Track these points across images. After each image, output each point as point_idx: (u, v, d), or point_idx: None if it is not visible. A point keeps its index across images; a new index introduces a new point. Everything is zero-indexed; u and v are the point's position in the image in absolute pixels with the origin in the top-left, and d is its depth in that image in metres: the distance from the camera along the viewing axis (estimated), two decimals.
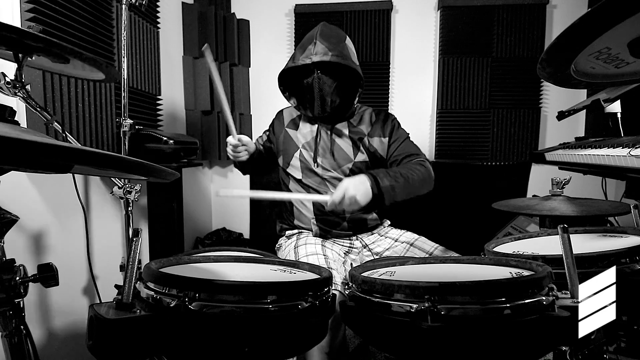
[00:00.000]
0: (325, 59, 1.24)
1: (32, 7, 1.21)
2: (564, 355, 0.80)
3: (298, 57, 1.29)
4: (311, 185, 1.39)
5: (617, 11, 0.55)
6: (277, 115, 1.53)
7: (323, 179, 1.38)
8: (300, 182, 1.40)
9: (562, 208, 1.20)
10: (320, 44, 1.26)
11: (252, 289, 0.66)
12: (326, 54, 1.24)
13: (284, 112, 1.51)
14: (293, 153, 1.41)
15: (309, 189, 1.39)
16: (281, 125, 1.47)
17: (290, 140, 1.43)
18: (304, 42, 1.31)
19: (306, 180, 1.39)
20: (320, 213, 1.37)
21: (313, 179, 1.39)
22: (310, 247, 1.27)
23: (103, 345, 0.62)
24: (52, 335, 1.32)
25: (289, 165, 1.42)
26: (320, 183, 1.38)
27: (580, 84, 0.86)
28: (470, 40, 2.46)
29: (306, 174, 1.39)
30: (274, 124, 1.51)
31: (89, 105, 1.45)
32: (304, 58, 1.26)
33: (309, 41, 1.29)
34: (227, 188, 1.26)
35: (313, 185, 1.38)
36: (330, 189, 1.36)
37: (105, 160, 0.53)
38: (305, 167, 1.39)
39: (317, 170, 1.38)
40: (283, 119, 1.48)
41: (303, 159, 1.40)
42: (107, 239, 1.61)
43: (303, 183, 1.40)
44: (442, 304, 0.64)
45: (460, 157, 2.52)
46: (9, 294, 0.71)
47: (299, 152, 1.40)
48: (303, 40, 1.33)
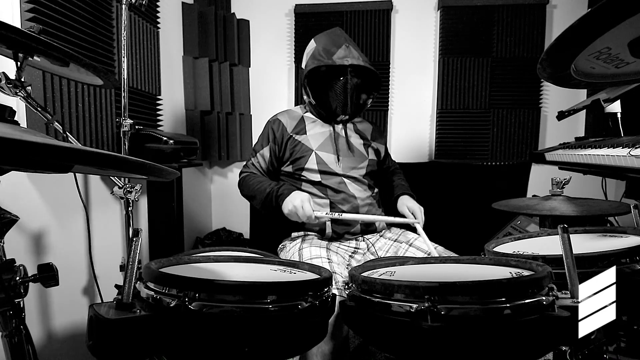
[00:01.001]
0: (360, 64, 1.37)
1: (32, 7, 1.20)
2: (564, 355, 0.80)
3: (327, 59, 1.35)
4: (331, 186, 1.39)
5: (617, 11, 0.55)
6: (273, 124, 1.45)
7: (344, 176, 1.40)
8: (319, 184, 1.39)
9: (562, 208, 1.20)
10: (352, 49, 1.38)
11: (252, 289, 0.66)
12: (358, 58, 1.37)
13: (280, 120, 1.45)
14: (307, 157, 1.40)
15: (326, 189, 1.39)
16: (283, 132, 1.43)
17: (301, 146, 1.41)
18: (327, 45, 1.38)
19: (326, 181, 1.39)
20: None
21: (332, 180, 1.39)
22: (314, 250, 1.26)
23: (103, 345, 0.62)
24: (52, 335, 1.32)
25: (303, 170, 1.40)
26: (340, 183, 1.40)
27: (580, 84, 0.86)
28: (470, 40, 2.46)
29: (325, 175, 1.39)
30: (274, 133, 1.44)
31: (89, 105, 1.45)
32: (340, 59, 1.35)
33: (335, 44, 1.38)
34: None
35: (333, 185, 1.39)
36: (349, 188, 1.39)
37: (105, 160, 0.53)
38: (324, 169, 1.39)
39: (337, 170, 1.40)
40: (283, 126, 1.44)
41: (321, 160, 1.39)
42: (107, 239, 1.61)
43: (322, 184, 1.39)
44: (442, 304, 0.64)
45: (460, 157, 2.52)
46: (9, 294, 0.71)
47: (314, 155, 1.40)
48: (324, 43, 1.40)
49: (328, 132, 1.45)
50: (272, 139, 1.44)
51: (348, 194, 1.39)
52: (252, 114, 2.66)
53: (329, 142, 1.43)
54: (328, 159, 1.40)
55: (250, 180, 1.40)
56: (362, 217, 1.35)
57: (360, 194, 1.40)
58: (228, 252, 1.07)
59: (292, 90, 2.64)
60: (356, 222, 1.39)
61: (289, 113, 1.50)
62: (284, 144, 1.43)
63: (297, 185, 1.42)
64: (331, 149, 1.42)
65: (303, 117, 1.48)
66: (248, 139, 2.64)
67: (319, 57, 1.37)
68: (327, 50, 1.37)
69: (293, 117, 1.48)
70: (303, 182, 1.42)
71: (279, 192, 1.28)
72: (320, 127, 1.46)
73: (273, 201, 1.29)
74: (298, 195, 1.25)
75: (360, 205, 1.39)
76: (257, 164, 1.46)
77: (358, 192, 1.40)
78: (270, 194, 1.30)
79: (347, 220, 1.33)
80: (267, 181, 1.37)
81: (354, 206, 1.38)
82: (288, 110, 1.53)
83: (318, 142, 1.42)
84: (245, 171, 1.46)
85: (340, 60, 1.34)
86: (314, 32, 1.48)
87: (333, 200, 1.38)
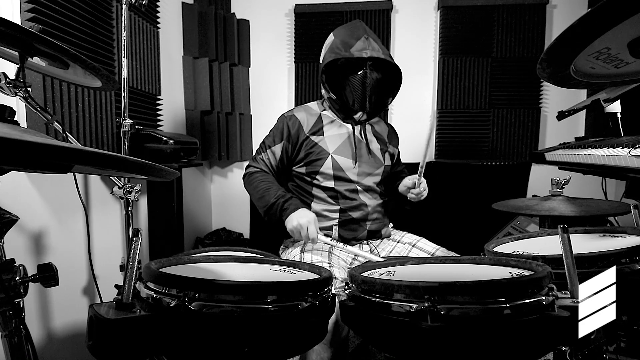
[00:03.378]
0: (380, 56, 1.29)
1: (32, 7, 1.21)
2: (564, 355, 0.80)
3: (344, 51, 1.29)
4: (343, 193, 1.35)
5: (617, 11, 0.55)
6: (289, 120, 1.38)
7: (358, 184, 1.36)
8: (331, 190, 1.35)
9: (562, 208, 1.20)
10: (372, 41, 1.30)
11: (252, 289, 0.66)
12: (378, 51, 1.29)
13: (297, 118, 1.38)
14: (324, 161, 1.34)
15: (338, 195, 1.35)
16: (299, 131, 1.36)
17: (317, 148, 1.35)
18: (346, 38, 1.32)
19: (338, 187, 1.35)
20: (345, 219, 1.35)
21: (345, 187, 1.35)
22: (315, 256, 1.24)
23: (103, 345, 0.62)
24: (52, 335, 1.32)
25: (317, 174, 1.35)
26: (352, 190, 1.36)
27: (580, 84, 0.86)
28: (470, 40, 2.46)
29: (339, 182, 1.35)
30: (289, 131, 1.36)
31: (89, 105, 1.45)
32: (359, 52, 1.27)
33: (354, 36, 1.31)
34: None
35: (345, 192, 1.35)
36: (361, 196, 1.36)
37: (105, 160, 0.53)
38: (339, 174, 1.34)
39: (352, 177, 1.35)
40: (300, 124, 1.36)
41: (336, 165, 1.34)
42: (107, 239, 1.61)
43: (334, 190, 1.35)
44: (442, 304, 0.64)
45: (460, 157, 2.52)
46: (8, 294, 0.71)
47: (330, 159, 1.34)
48: (342, 36, 1.34)
49: (346, 134, 1.39)
50: (286, 136, 1.36)
51: (359, 202, 1.35)
52: (252, 114, 2.66)
53: (347, 146, 1.37)
54: (344, 164, 1.35)
55: (256, 180, 1.33)
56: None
57: (371, 202, 1.37)
58: (228, 252, 1.07)
59: (292, 90, 2.64)
60: (363, 228, 1.36)
61: (307, 109, 1.42)
62: (299, 144, 1.36)
63: (308, 189, 1.38)
64: (349, 153, 1.36)
65: (321, 115, 1.41)
66: (248, 139, 2.64)
67: (336, 50, 1.31)
68: (345, 42, 1.31)
69: (311, 114, 1.40)
70: (314, 187, 1.37)
71: (285, 206, 1.23)
72: (338, 128, 1.39)
73: (277, 213, 1.24)
74: (305, 214, 1.20)
75: (370, 212, 1.36)
76: (267, 161, 1.37)
77: (369, 200, 1.37)
78: (275, 205, 1.24)
79: (363, 255, 1.23)
80: (275, 187, 1.30)
81: (364, 214, 1.35)
82: (305, 106, 1.45)
83: (335, 145, 1.36)
84: (253, 166, 1.38)
85: (359, 53, 1.27)
86: (314, 32, 1.47)
87: (344, 207, 1.34)
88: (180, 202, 1.92)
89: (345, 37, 1.33)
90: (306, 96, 2.58)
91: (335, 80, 1.35)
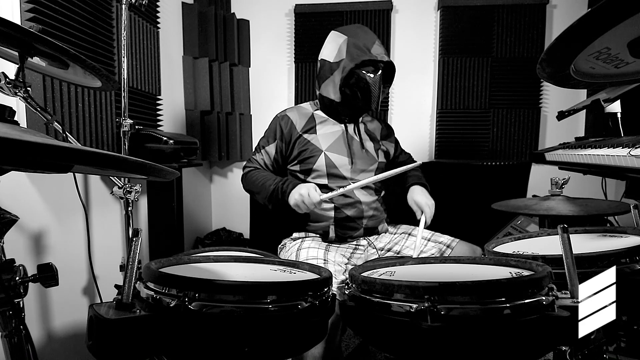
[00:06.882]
0: (389, 60, 1.35)
1: (32, 7, 1.21)
2: (564, 355, 0.80)
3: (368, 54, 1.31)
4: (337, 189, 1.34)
5: (617, 11, 0.55)
6: (281, 120, 1.41)
7: (352, 180, 1.36)
8: (325, 187, 1.35)
9: (562, 208, 1.20)
10: (381, 46, 1.36)
11: (252, 289, 0.66)
12: (386, 54, 1.36)
13: (289, 117, 1.41)
14: (316, 158, 1.36)
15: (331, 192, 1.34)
16: (291, 130, 1.39)
17: (310, 146, 1.37)
18: (363, 40, 1.34)
19: (332, 184, 1.36)
20: (340, 217, 1.35)
21: (339, 183, 1.35)
22: (312, 252, 1.26)
23: (103, 345, 0.62)
24: (52, 335, 1.32)
25: (311, 172, 1.37)
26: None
27: (580, 84, 0.86)
28: (470, 40, 2.46)
29: (332, 178, 1.36)
30: (281, 130, 1.39)
31: (89, 105, 1.45)
32: (380, 55, 1.32)
33: (370, 40, 1.34)
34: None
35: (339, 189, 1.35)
36: (355, 193, 1.36)
37: (105, 160, 0.53)
38: (332, 171, 1.36)
39: (346, 174, 1.36)
40: (292, 123, 1.39)
41: (330, 162, 1.36)
42: (107, 239, 1.61)
43: (328, 187, 1.35)
44: (441, 304, 0.64)
45: (460, 157, 2.52)
46: (8, 294, 0.71)
47: (323, 156, 1.36)
48: (359, 37, 1.34)
49: (339, 132, 1.41)
50: (279, 136, 1.39)
51: (354, 199, 1.36)
52: (252, 114, 2.66)
53: (341, 143, 1.39)
54: (338, 161, 1.36)
55: (254, 176, 1.37)
56: (368, 180, 1.26)
57: (366, 198, 1.38)
58: (228, 252, 1.07)
59: (292, 90, 2.64)
60: (359, 226, 1.37)
61: (299, 110, 1.44)
62: (292, 142, 1.39)
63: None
64: (344, 151, 1.38)
65: (313, 114, 1.43)
66: (248, 139, 2.64)
67: (358, 52, 1.32)
68: (365, 45, 1.33)
69: (303, 114, 1.43)
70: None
71: (284, 187, 1.26)
72: (331, 127, 1.41)
73: (279, 196, 1.27)
74: (302, 185, 1.24)
75: (365, 210, 1.37)
76: (262, 160, 1.41)
77: (364, 196, 1.38)
78: (275, 191, 1.28)
79: (357, 187, 1.25)
80: (272, 177, 1.34)
81: (359, 211, 1.36)
82: (298, 106, 1.48)
83: (328, 142, 1.38)
84: (249, 166, 1.43)
85: (381, 56, 1.33)
86: (314, 32, 1.47)
87: (337, 204, 1.35)
88: (180, 202, 1.92)
89: (362, 38, 1.35)
90: (306, 96, 2.58)
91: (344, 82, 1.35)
